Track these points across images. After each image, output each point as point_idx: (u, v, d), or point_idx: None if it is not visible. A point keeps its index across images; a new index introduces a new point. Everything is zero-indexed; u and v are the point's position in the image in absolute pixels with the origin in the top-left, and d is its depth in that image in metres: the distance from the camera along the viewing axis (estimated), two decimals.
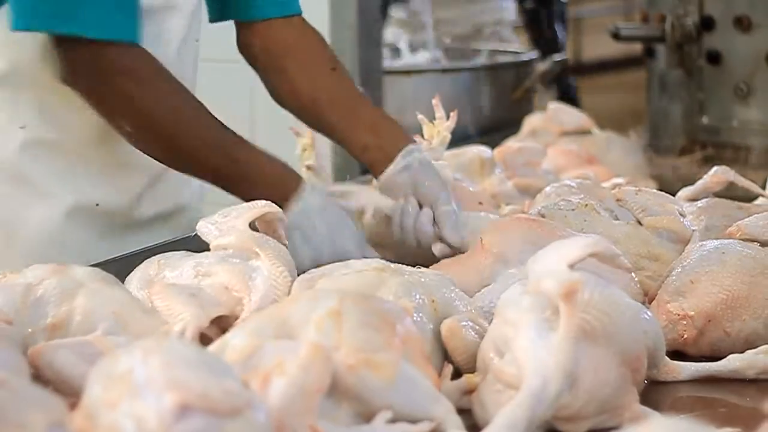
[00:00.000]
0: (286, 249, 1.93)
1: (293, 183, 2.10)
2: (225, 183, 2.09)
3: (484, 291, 1.87)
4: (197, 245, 1.98)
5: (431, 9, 4.69)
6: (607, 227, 2.12)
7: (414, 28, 4.72)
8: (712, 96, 3.32)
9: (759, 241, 2.00)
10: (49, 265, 1.73)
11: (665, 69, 3.43)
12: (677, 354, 1.82)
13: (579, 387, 1.50)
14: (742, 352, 1.78)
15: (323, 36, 2.40)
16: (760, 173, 2.80)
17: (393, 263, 1.81)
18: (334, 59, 2.34)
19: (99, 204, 2.27)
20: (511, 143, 2.99)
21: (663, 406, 1.65)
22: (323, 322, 1.48)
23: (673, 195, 2.36)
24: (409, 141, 2.23)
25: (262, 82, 2.36)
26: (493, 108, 3.93)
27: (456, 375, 1.64)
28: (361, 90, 2.33)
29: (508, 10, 5.05)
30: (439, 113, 2.55)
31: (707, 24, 3.27)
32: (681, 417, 1.59)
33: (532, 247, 1.88)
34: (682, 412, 1.64)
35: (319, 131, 2.36)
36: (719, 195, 2.37)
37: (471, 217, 2.21)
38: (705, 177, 2.44)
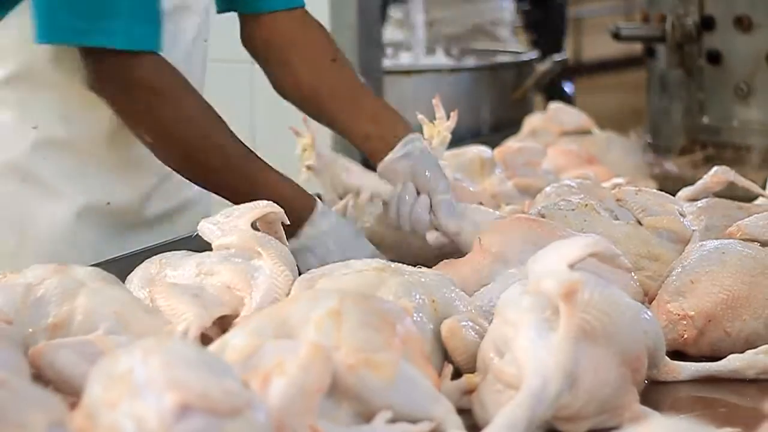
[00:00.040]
0: (287, 249, 1.93)
1: (307, 205, 2.13)
2: (238, 200, 2.11)
3: (483, 290, 1.87)
4: (197, 245, 1.98)
5: (424, 9, 4.69)
6: (607, 227, 2.12)
7: (411, 27, 4.72)
8: (712, 96, 3.32)
9: (759, 241, 2.00)
10: (50, 265, 1.73)
11: (665, 69, 3.43)
12: (677, 354, 1.82)
13: (579, 387, 1.50)
14: (742, 352, 1.78)
15: None
16: (760, 173, 2.80)
17: (393, 263, 1.82)
18: (336, 51, 2.35)
19: (110, 203, 2.29)
20: (511, 143, 2.99)
21: (663, 406, 1.65)
22: (323, 321, 1.48)
23: (673, 195, 2.35)
24: (410, 131, 2.24)
25: (264, 74, 2.38)
26: (493, 108, 3.92)
27: (456, 375, 1.64)
28: (363, 81, 2.34)
29: (505, 10, 5.05)
30: (440, 113, 2.55)
31: (707, 24, 3.27)
32: (681, 417, 1.59)
33: (531, 247, 1.88)
34: (682, 412, 1.64)
35: (321, 122, 2.37)
36: (719, 195, 2.37)
37: (468, 209, 2.21)
38: (705, 177, 2.44)
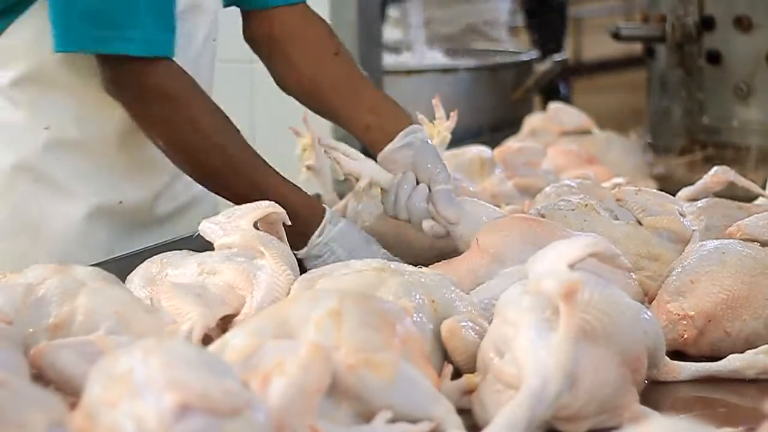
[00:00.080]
0: (289, 249, 1.93)
1: (316, 213, 2.14)
2: None
3: (479, 288, 1.87)
4: (198, 245, 1.98)
5: (422, 8, 4.69)
6: (607, 227, 2.12)
7: (408, 27, 4.72)
8: (712, 96, 3.32)
9: (759, 241, 2.00)
10: (50, 265, 1.73)
11: (665, 69, 3.43)
12: (677, 354, 1.82)
13: (579, 387, 1.50)
14: (742, 352, 1.78)
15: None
16: (760, 173, 2.80)
17: (393, 263, 1.82)
18: (337, 45, 2.36)
19: (122, 202, 2.31)
20: (511, 143, 2.99)
21: (663, 406, 1.65)
22: (323, 321, 1.48)
23: (673, 195, 2.35)
24: (411, 122, 2.25)
25: (267, 69, 2.39)
26: (493, 108, 3.92)
27: (456, 375, 1.64)
28: (365, 74, 2.35)
29: (500, 10, 5.05)
30: (439, 113, 2.55)
31: (707, 24, 3.27)
32: (681, 417, 1.59)
33: (529, 247, 1.88)
34: (682, 412, 1.64)
35: (323, 115, 2.38)
36: (719, 195, 2.37)
37: (467, 202, 2.21)
38: (705, 177, 2.44)
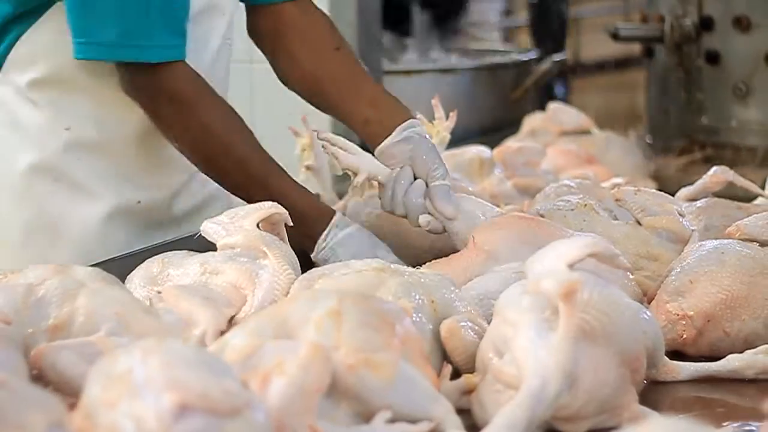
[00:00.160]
0: (291, 250, 1.94)
1: (324, 217, 2.16)
2: None
3: (471, 283, 1.87)
4: (198, 245, 1.98)
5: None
6: (607, 227, 2.12)
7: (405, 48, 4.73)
8: (711, 96, 3.32)
9: (758, 241, 2.00)
10: (50, 265, 1.73)
11: (664, 69, 3.43)
12: (676, 354, 1.82)
13: (578, 387, 1.50)
14: (741, 352, 1.79)
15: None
16: (759, 173, 2.80)
17: (393, 263, 1.82)
18: (339, 40, 2.37)
19: (140, 201, 2.34)
20: (511, 143, 3.00)
21: (662, 406, 1.65)
22: (323, 321, 1.48)
23: (672, 195, 2.35)
24: (410, 116, 2.25)
25: (269, 64, 2.40)
26: (493, 108, 3.92)
27: (455, 375, 1.64)
28: (366, 69, 2.35)
29: (486, 12, 5.05)
30: (439, 113, 2.55)
31: (706, 24, 3.27)
32: (680, 417, 1.59)
33: (525, 246, 1.89)
34: (681, 412, 1.64)
35: (323, 110, 2.39)
36: (718, 195, 2.37)
37: (464, 199, 2.20)
38: (704, 177, 2.44)
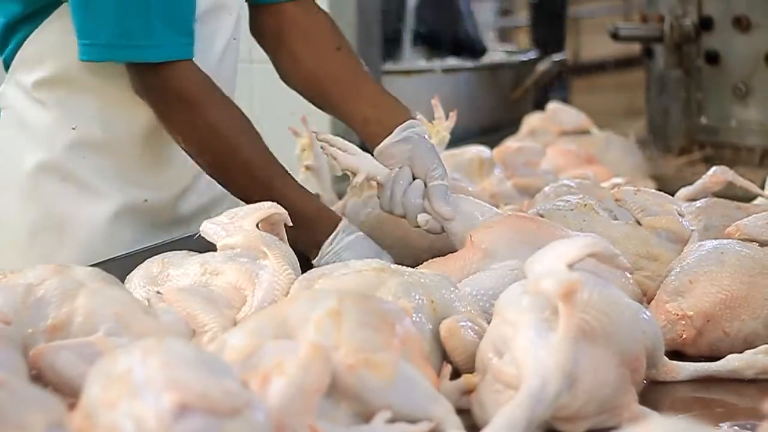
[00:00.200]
0: (291, 250, 1.94)
1: (329, 222, 2.16)
2: None
3: (467, 280, 1.87)
4: (198, 245, 1.98)
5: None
6: (606, 227, 2.12)
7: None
8: (710, 96, 3.33)
9: (758, 241, 2.00)
10: (50, 265, 1.73)
11: (664, 69, 3.43)
12: (676, 354, 1.82)
13: (578, 387, 1.50)
14: (741, 352, 1.79)
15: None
16: (758, 173, 2.81)
17: (393, 264, 1.82)
18: (340, 40, 2.38)
19: (147, 200, 2.35)
20: (510, 143, 3.00)
21: (662, 406, 1.65)
22: (323, 321, 1.48)
23: (672, 195, 2.36)
24: (410, 117, 2.26)
25: (271, 63, 2.42)
26: (493, 108, 3.92)
27: (455, 375, 1.64)
28: (367, 69, 2.36)
29: (485, 13, 5.05)
30: (438, 113, 2.55)
31: (706, 24, 3.28)
32: (680, 417, 1.59)
33: (522, 245, 1.89)
34: (680, 412, 1.64)
35: (323, 108, 2.40)
36: (718, 195, 2.37)
37: (461, 199, 2.20)
38: (704, 177, 2.44)
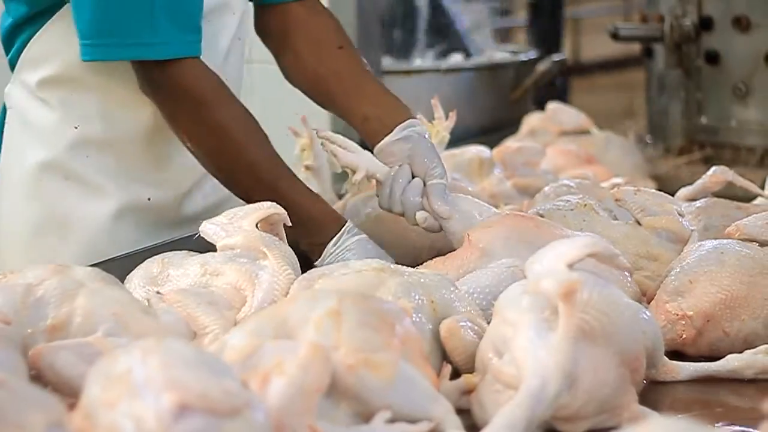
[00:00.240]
0: (291, 250, 1.94)
1: (334, 223, 2.16)
2: None
3: (464, 279, 1.87)
4: (198, 245, 1.98)
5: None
6: (606, 227, 2.12)
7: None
8: (710, 96, 3.32)
9: (758, 241, 2.00)
10: (50, 265, 1.73)
11: (664, 69, 3.43)
12: (676, 354, 1.82)
13: (578, 387, 1.50)
14: (740, 352, 1.79)
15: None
16: (758, 173, 2.80)
17: (393, 264, 1.82)
18: (342, 39, 2.39)
19: (150, 199, 2.34)
20: (510, 143, 3.00)
21: (662, 406, 1.65)
22: (322, 321, 1.48)
23: (672, 195, 2.35)
24: (410, 115, 2.26)
25: (275, 61, 2.42)
26: (493, 108, 3.92)
27: (455, 375, 1.64)
28: (369, 69, 2.36)
29: (481, 13, 5.04)
30: (438, 113, 2.55)
31: (706, 24, 3.28)
32: (680, 417, 1.59)
33: (519, 244, 1.89)
34: (681, 412, 1.64)
35: (324, 107, 2.41)
36: (718, 195, 2.37)
37: (460, 198, 2.20)
38: (704, 177, 2.44)
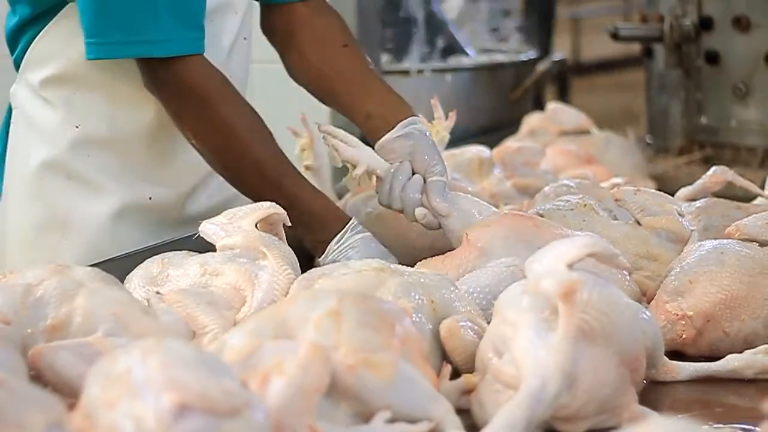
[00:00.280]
0: (291, 250, 1.94)
1: (338, 221, 2.17)
2: None
3: (464, 278, 1.87)
4: (197, 245, 1.98)
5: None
6: (606, 227, 2.12)
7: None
8: (710, 96, 3.32)
9: (758, 241, 2.00)
10: (50, 265, 1.73)
11: (664, 69, 3.43)
12: (676, 354, 1.82)
13: (578, 387, 1.50)
14: (740, 352, 1.79)
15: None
16: (758, 173, 2.81)
17: (395, 263, 1.82)
18: (347, 37, 2.40)
19: (151, 198, 2.34)
20: (510, 143, 3.00)
21: (662, 406, 1.66)
22: (322, 321, 1.48)
23: (672, 195, 2.35)
24: (412, 114, 2.26)
25: (280, 59, 2.43)
26: (492, 108, 3.92)
27: (455, 375, 1.64)
28: (373, 67, 2.37)
29: (478, 13, 5.04)
30: (438, 113, 2.55)
31: (706, 24, 3.27)
32: (680, 417, 1.59)
33: (518, 243, 1.89)
34: (680, 412, 1.64)
35: (327, 104, 2.41)
36: (718, 195, 2.37)
37: (459, 197, 2.20)
38: (704, 177, 2.44)
